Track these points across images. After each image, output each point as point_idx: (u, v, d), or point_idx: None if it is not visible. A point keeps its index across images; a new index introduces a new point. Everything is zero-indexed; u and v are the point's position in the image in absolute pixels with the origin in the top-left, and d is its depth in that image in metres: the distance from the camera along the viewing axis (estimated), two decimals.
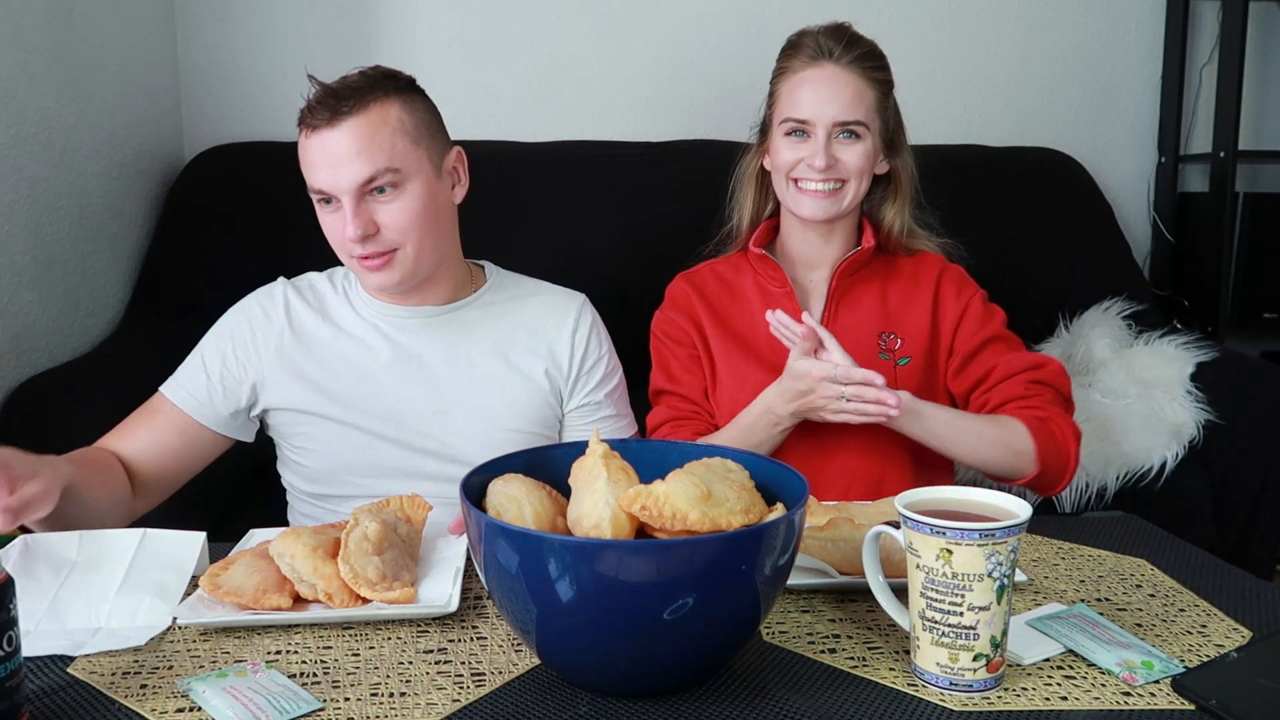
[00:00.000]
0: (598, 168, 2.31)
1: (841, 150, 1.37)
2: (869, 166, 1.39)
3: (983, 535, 0.75)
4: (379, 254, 1.23)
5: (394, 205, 1.22)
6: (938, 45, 2.60)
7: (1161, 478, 1.87)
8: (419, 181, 1.23)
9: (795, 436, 1.35)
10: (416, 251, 1.25)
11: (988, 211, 2.32)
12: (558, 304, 1.39)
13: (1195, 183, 2.77)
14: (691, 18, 2.51)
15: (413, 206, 1.23)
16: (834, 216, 1.40)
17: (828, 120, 1.36)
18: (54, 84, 1.82)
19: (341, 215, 1.22)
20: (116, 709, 0.77)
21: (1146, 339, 2.20)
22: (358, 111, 1.19)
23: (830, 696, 0.78)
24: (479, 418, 1.31)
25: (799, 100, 1.38)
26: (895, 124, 1.44)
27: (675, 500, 0.76)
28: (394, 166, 1.20)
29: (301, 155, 1.24)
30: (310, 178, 1.23)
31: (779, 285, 1.45)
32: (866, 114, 1.37)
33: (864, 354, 1.38)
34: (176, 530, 1.02)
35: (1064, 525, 1.17)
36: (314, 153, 1.21)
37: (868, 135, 1.38)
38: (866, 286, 1.45)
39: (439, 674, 0.82)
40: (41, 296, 1.77)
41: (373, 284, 1.29)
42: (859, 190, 1.39)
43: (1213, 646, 0.86)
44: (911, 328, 1.43)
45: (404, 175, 1.22)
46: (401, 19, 2.43)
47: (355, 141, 1.19)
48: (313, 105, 1.21)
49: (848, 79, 1.37)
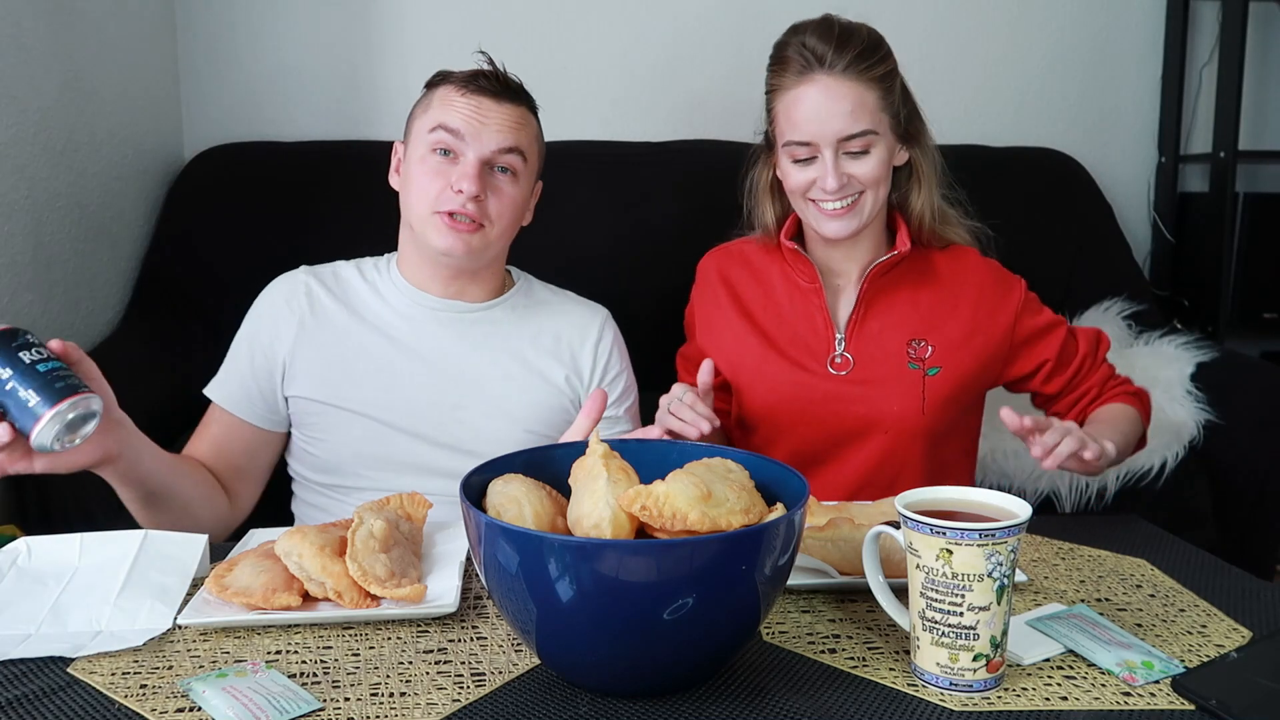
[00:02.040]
0: (597, 168, 2.31)
1: (853, 165, 1.29)
2: (885, 173, 1.31)
3: (983, 535, 0.75)
4: (473, 221, 1.29)
5: (505, 189, 1.31)
6: (938, 45, 2.61)
7: (1161, 478, 1.87)
8: (525, 182, 1.34)
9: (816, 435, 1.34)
10: (498, 237, 1.33)
11: (988, 211, 2.30)
12: (583, 315, 1.42)
13: (1195, 183, 2.77)
14: (691, 17, 2.51)
15: (515, 197, 1.33)
16: (858, 230, 1.33)
17: (831, 138, 1.27)
18: (54, 84, 1.82)
19: (457, 169, 1.28)
20: (116, 709, 0.77)
21: (1146, 339, 2.20)
22: (520, 102, 1.33)
23: (830, 696, 0.78)
24: (497, 415, 1.33)
25: (797, 121, 1.28)
26: (909, 112, 1.35)
27: (675, 500, 0.76)
28: (523, 153, 1.32)
29: (438, 100, 1.31)
30: (444, 119, 1.29)
31: (808, 281, 1.38)
32: (871, 120, 1.28)
33: (891, 364, 1.34)
34: (178, 533, 1.02)
35: (1064, 525, 1.17)
36: (462, 108, 1.29)
37: (878, 141, 1.29)
38: (898, 290, 1.37)
39: (439, 674, 0.82)
40: (41, 296, 1.77)
41: (447, 244, 1.29)
42: (879, 196, 1.32)
43: (1213, 646, 0.86)
44: (945, 335, 1.36)
45: (520, 171, 1.32)
46: (401, 19, 2.43)
47: (511, 120, 1.31)
48: (486, 74, 1.32)
49: (843, 89, 1.26)
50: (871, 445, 1.34)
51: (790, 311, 1.39)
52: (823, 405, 1.34)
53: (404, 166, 1.35)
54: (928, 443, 1.34)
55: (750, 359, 1.38)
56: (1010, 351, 1.39)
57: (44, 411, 0.92)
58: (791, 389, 1.35)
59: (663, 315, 1.52)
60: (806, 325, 1.38)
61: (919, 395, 1.33)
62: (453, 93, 1.30)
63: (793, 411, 1.35)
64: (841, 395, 1.34)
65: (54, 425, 0.93)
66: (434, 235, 1.30)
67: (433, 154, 1.29)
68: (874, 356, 1.35)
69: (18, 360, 0.93)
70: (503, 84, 1.32)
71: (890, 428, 1.33)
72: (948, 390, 1.34)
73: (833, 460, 1.35)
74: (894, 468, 1.34)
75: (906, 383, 1.33)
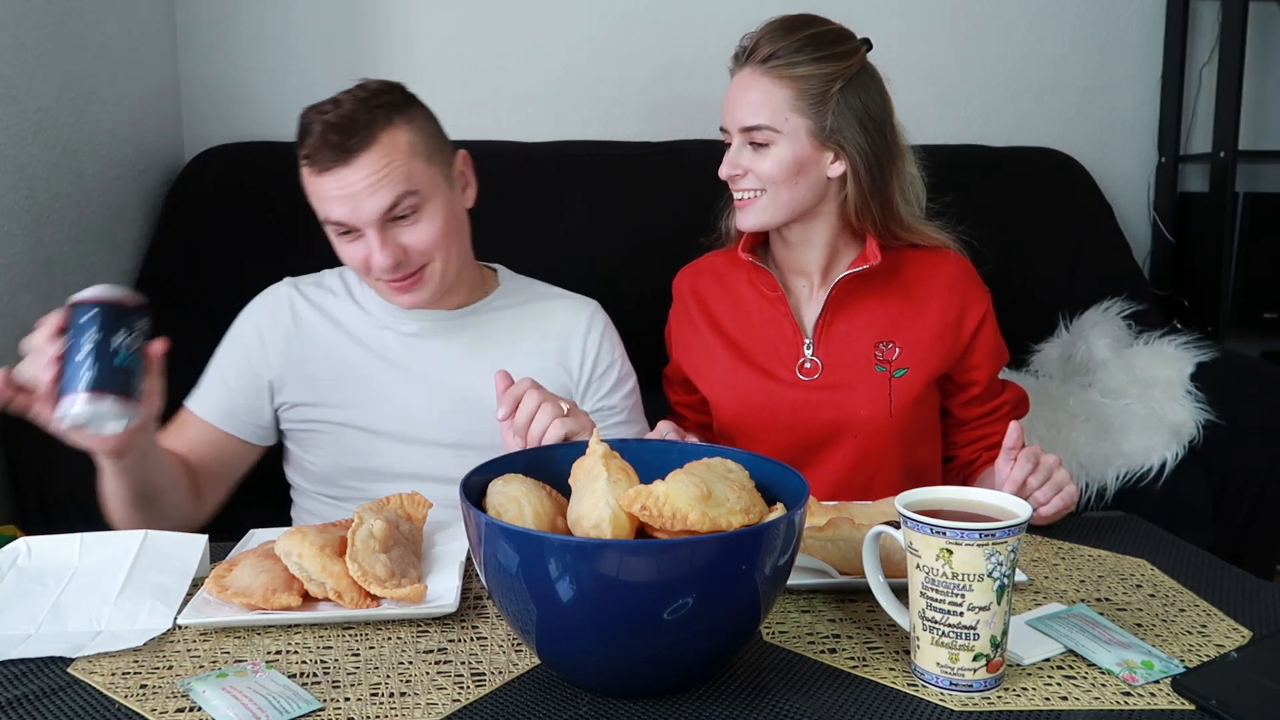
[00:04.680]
0: (597, 168, 2.31)
1: (751, 158, 1.29)
2: (786, 174, 1.28)
3: (983, 535, 0.75)
4: (408, 275, 1.24)
5: (418, 227, 1.22)
6: (938, 45, 2.60)
7: (1161, 478, 1.87)
8: (438, 198, 1.24)
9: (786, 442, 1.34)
10: (444, 266, 1.26)
11: (988, 211, 2.32)
12: (570, 310, 1.40)
13: (1195, 183, 2.77)
14: (691, 17, 2.51)
15: (436, 224, 1.23)
16: (763, 226, 1.32)
17: (734, 126, 1.30)
18: (54, 84, 1.82)
19: (364, 244, 1.21)
20: (116, 709, 0.77)
21: (1146, 339, 2.20)
22: (368, 145, 1.18)
23: (830, 696, 0.78)
24: (491, 417, 1.31)
25: (723, 108, 1.33)
26: (842, 120, 1.28)
27: (675, 500, 0.76)
28: (413, 189, 1.20)
29: (311, 190, 1.22)
30: (326, 211, 1.21)
31: (770, 289, 1.39)
32: (773, 117, 1.27)
33: (859, 366, 1.34)
34: (178, 533, 1.02)
35: (1064, 525, 1.17)
36: (328, 189, 1.19)
37: (780, 139, 1.27)
38: (866, 292, 1.36)
39: (439, 674, 0.82)
40: (41, 296, 1.77)
41: (405, 304, 1.28)
42: (782, 199, 1.30)
43: (1213, 646, 0.86)
44: (913, 336, 1.35)
45: (423, 196, 1.22)
46: (401, 19, 2.43)
47: (371, 175, 1.18)
48: (317, 146, 1.18)
49: (753, 81, 1.28)
50: (844, 450, 1.34)
51: (759, 320, 1.39)
52: (791, 413, 1.34)
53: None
54: (900, 445, 1.34)
55: (721, 371, 1.39)
56: (960, 358, 1.38)
57: (84, 392, 0.94)
58: (760, 397, 1.35)
59: (662, 315, 1.51)
60: (775, 332, 1.38)
61: (886, 397, 1.32)
62: (312, 179, 1.21)
63: (763, 420, 1.35)
64: (810, 402, 1.34)
65: (84, 408, 0.94)
66: (390, 295, 1.28)
67: (339, 236, 1.24)
68: (842, 360, 1.35)
69: (107, 339, 0.95)
70: (337, 142, 1.17)
71: (860, 431, 1.33)
72: (916, 391, 1.34)
73: (806, 466, 1.34)
74: (868, 471, 1.34)
75: (874, 385, 1.33)
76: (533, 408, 1.09)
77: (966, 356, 1.38)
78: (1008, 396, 1.43)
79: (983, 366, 1.39)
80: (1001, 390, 1.43)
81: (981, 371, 1.39)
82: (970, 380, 1.39)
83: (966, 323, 1.37)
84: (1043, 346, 2.31)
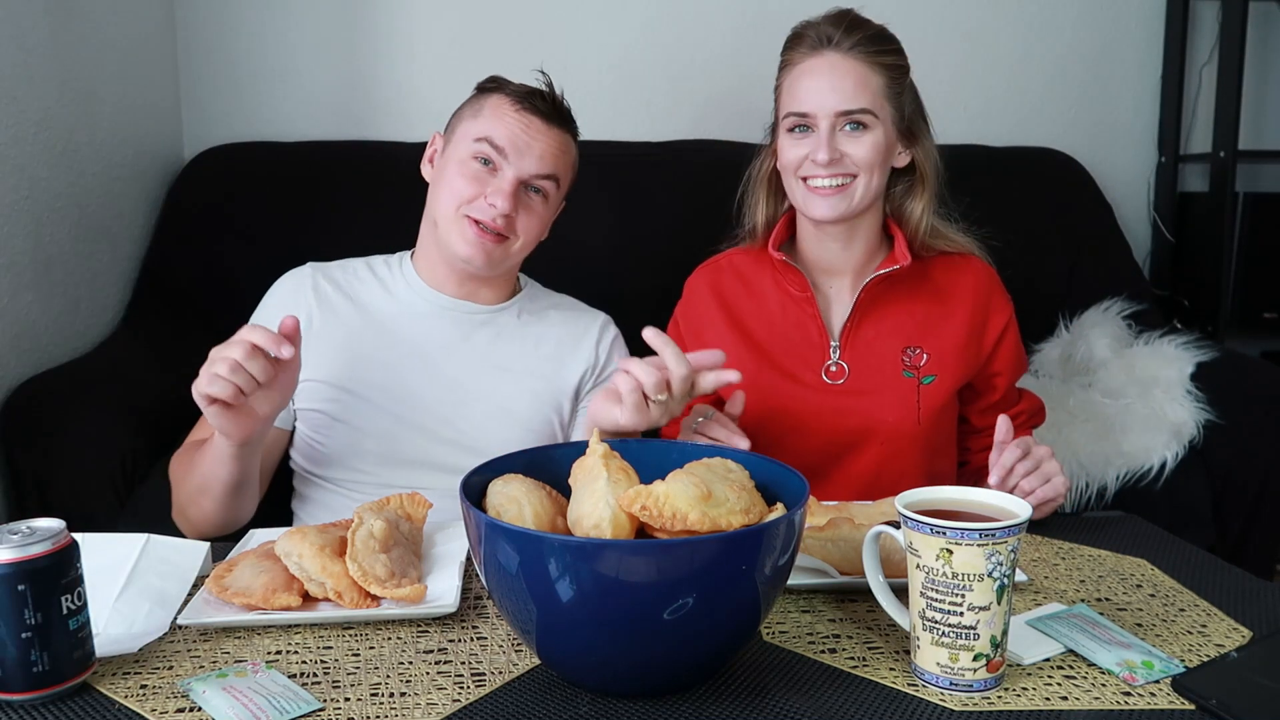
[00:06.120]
0: (598, 168, 2.30)
1: (847, 143, 1.27)
2: (880, 159, 1.29)
3: (983, 535, 0.75)
4: (499, 234, 1.32)
5: (535, 208, 1.35)
6: (938, 45, 2.61)
7: (1161, 478, 1.87)
8: (553, 203, 1.39)
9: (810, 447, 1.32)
10: (519, 250, 1.36)
11: (988, 211, 2.30)
12: (584, 320, 1.46)
13: (1195, 183, 2.77)
14: (692, 17, 2.51)
15: (542, 216, 1.37)
16: (845, 215, 1.30)
17: (830, 111, 1.27)
18: (54, 84, 1.82)
19: (493, 182, 1.31)
20: (116, 709, 0.77)
21: (1146, 339, 2.20)
22: (567, 128, 1.37)
23: (830, 696, 0.78)
24: (499, 414, 1.35)
25: (799, 93, 1.29)
26: (913, 111, 1.34)
27: (675, 500, 0.76)
28: (559, 179, 1.36)
29: (489, 109, 1.34)
30: (492, 132, 1.32)
31: (799, 290, 1.36)
32: (872, 101, 1.27)
33: (886, 371, 1.32)
34: (179, 539, 1.02)
35: (1064, 525, 1.18)
36: (512, 125, 1.32)
37: (877, 125, 1.28)
38: (894, 296, 1.35)
39: (439, 674, 0.82)
40: (41, 296, 1.77)
41: (468, 251, 1.32)
42: (870, 185, 1.29)
43: (1213, 646, 0.86)
44: (940, 343, 1.34)
45: (551, 195, 1.37)
46: (401, 19, 2.43)
47: (555, 146, 1.34)
48: (541, 94, 1.35)
49: (849, 66, 1.27)
50: (867, 457, 1.32)
51: (783, 321, 1.37)
52: (816, 418, 1.32)
53: (439, 161, 1.37)
54: (925, 453, 1.33)
55: (744, 371, 1.37)
56: (983, 366, 1.38)
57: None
58: (785, 401, 1.33)
59: (663, 315, 1.51)
60: (800, 334, 1.36)
61: (914, 404, 1.31)
62: (506, 105, 1.33)
63: (786, 424, 1.33)
64: (836, 407, 1.32)
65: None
66: (457, 238, 1.32)
67: (473, 160, 1.32)
68: (869, 364, 1.33)
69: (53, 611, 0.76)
70: (555, 108, 1.35)
71: (886, 438, 1.31)
72: (943, 398, 1.33)
73: (829, 471, 1.33)
74: (890, 479, 1.32)
75: (901, 392, 1.32)
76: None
77: (989, 364, 1.37)
78: (1025, 405, 1.43)
79: (1003, 374, 1.39)
80: (1019, 399, 1.43)
81: (1002, 379, 1.39)
82: (990, 388, 1.39)
83: (990, 331, 1.37)
84: (1043, 346, 2.31)
